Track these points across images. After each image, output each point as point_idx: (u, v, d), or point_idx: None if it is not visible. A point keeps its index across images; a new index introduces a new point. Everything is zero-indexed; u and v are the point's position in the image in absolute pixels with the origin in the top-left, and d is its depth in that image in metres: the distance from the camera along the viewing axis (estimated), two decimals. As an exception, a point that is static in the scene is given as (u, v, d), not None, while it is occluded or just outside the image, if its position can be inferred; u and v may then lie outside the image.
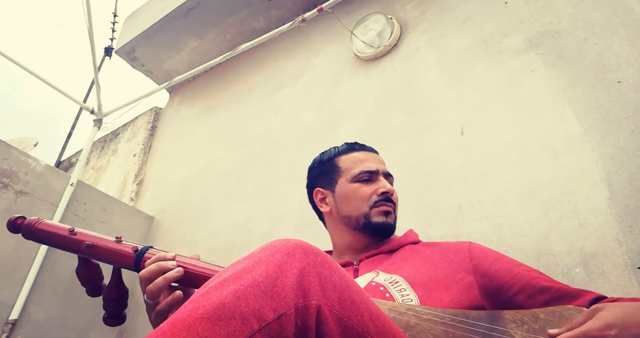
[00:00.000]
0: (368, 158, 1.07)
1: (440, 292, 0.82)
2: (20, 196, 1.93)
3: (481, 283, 0.85)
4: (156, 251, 0.74)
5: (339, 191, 1.04)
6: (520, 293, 0.82)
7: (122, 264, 0.75)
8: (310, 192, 1.13)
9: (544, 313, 0.70)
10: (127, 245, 0.76)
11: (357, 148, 1.10)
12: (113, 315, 0.79)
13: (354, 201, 1.01)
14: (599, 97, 1.33)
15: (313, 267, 0.55)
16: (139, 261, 0.73)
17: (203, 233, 2.15)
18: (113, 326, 0.79)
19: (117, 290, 0.78)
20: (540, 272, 0.87)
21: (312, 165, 1.14)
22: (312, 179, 1.13)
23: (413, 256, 0.95)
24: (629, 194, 1.15)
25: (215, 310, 0.47)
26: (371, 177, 1.03)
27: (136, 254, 0.74)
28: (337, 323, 0.53)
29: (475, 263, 0.89)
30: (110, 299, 0.78)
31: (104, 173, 3.08)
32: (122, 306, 0.79)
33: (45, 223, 0.79)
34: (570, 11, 1.53)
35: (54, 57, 11.88)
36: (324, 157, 1.12)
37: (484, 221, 1.35)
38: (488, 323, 0.69)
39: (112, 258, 0.75)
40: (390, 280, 0.85)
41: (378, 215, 0.99)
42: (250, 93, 2.52)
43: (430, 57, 1.83)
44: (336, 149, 1.11)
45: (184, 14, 2.69)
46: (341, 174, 1.05)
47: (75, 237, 0.76)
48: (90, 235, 0.77)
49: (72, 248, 0.77)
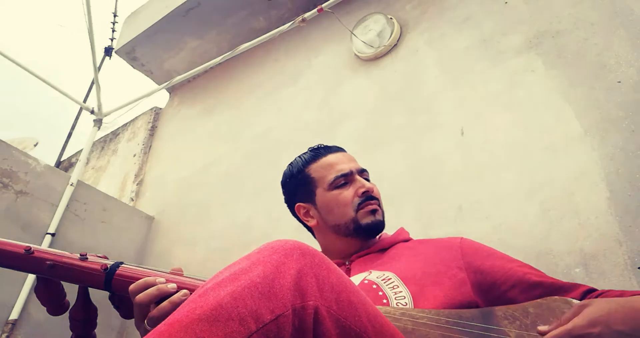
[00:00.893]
0: (337, 160, 1.04)
1: (433, 288, 0.82)
2: (20, 196, 1.93)
3: (474, 280, 0.85)
4: (128, 268, 0.68)
5: (320, 201, 1.02)
6: (513, 289, 0.82)
7: (90, 283, 0.68)
8: (291, 208, 1.10)
9: (533, 307, 0.71)
10: (94, 262, 0.68)
11: (323, 152, 1.07)
12: (81, 336, 0.72)
13: (337, 209, 0.99)
14: (599, 97, 1.32)
15: (310, 268, 0.55)
16: (109, 280, 0.67)
17: (203, 233, 2.15)
18: None
19: (84, 311, 0.71)
20: (532, 267, 0.87)
21: (284, 179, 1.11)
22: (289, 194, 1.10)
23: (405, 253, 0.94)
24: (629, 194, 1.15)
25: (212, 311, 0.47)
26: (347, 179, 1.01)
27: (106, 272, 0.67)
28: (334, 324, 0.53)
29: (468, 260, 0.88)
30: (76, 320, 0.71)
31: (104, 173, 3.08)
32: (91, 326, 0.73)
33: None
34: (570, 11, 1.53)
35: (54, 57, 11.88)
36: (293, 170, 1.08)
37: (484, 221, 1.35)
38: (482, 322, 0.69)
39: (79, 278, 0.68)
40: (383, 277, 0.85)
41: (366, 216, 0.98)
42: (250, 93, 2.52)
43: (430, 57, 1.83)
44: (302, 158, 1.08)
45: (184, 14, 2.69)
46: (317, 184, 1.03)
47: (33, 256, 0.68)
48: (51, 253, 0.69)
49: (31, 269, 0.68)
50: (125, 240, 2.29)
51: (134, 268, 0.69)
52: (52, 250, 0.70)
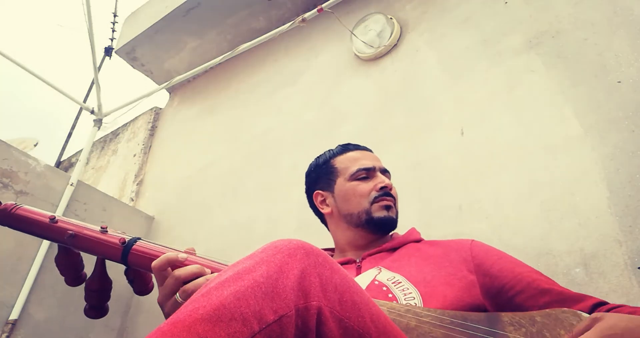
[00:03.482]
0: (363, 156, 1.09)
1: (443, 288, 0.82)
2: (20, 196, 1.93)
3: (482, 283, 0.85)
4: (145, 244, 0.70)
5: (338, 190, 1.06)
6: (520, 294, 0.82)
7: (107, 256, 0.71)
8: (309, 196, 1.14)
9: (541, 316, 0.70)
10: (113, 236, 0.71)
11: (352, 148, 1.12)
12: (95, 306, 0.75)
13: (354, 199, 1.02)
14: (599, 97, 1.33)
15: (314, 268, 0.55)
16: (126, 254, 0.69)
17: (203, 233, 2.15)
18: (94, 318, 0.74)
19: (100, 282, 0.74)
20: (542, 274, 0.87)
21: (309, 169, 1.16)
22: (310, 183, 1.14)
23: (415, 254, 0.95)
24: (629, 194, 1.15)
25: (215, 311, 0.47)
26: (368, 174, 1.05)
27: (124, 246, 0.69)
28: (337, 325, 0.53)
29: (477, 262, 0.89)
30: (92, 290, 0.74)
31: (104, 173, 3.08)
32: (105, 298, 0.75)
33: (25, 208, 0.73)
34: (570, 11, 1.53)
35: (54, 57, 11.87)
36: (319, 160, 1.13)
37: (484, 221, 1.35)
38: (487, 325, 0.69)
39: (97, 250, 0.71)
40: (393, 280, 0.85)
41: (379, 210, 1.01)
42: (250, 93, 2.52)
43: (430, 57, 1.83)
44: (331, 151, 1.13)
45: (184, 14, 2.69)
46: (339, 174, 1.07)
47: (56, 225, 0.71)
48: (73, 224, 0.72)
49: (52, 237, 0.72)
50: (125, 240, 2.28)
51: (151, 244, 0.71)
52: (75, 221, 0.73)
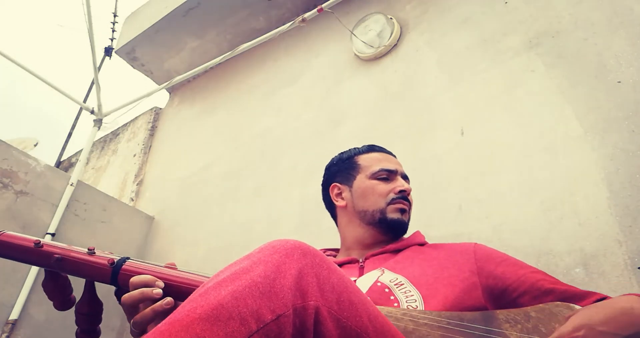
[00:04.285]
0: (387, 159, 1.10)
1: (444, 290, 0.82)
2: (20, 196, 1.93)
3: (486, 285, 0.85)
4: (134, 263, 0.69)
5: (357, 186, 1.07)
6: (524, 295, 0.82)
7: (96, 278, 0.70)
8: (325, 188, 1.15)
9: (535, 311, 0.71)
10: (101, 257, 0.70)
11: (377, 149, 1.13)
12: (86, 330, 0.73)
13: (371, 197, 1.03)
14: (599, 98, 1.32)
15: (311, 268, 0.55)
16: (116, 275, 0.68)
17: (203, 233, 2.15)
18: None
19: (90, 305, 0.72)
20: (545, 273, 0.87)
21: (331, 163, 1.17)
22: (330, 175, 1.15)
23: (419, 257, 0.95)
24: (629, 194, 1.15)
25: (213, 311, 0.47)
26: (390, 176, 1.06)
27: (112, 267, 0.68)
28: (335, 324, 0.53)
29: (481, 265, 0.89)
30: (82, 314, 0.72)
31: (104, 173, 3.08)
32: (96, 321, 0.74)
33: (8, 234, 0.72)
34: (570, 11, 1.53)
35: (54, 57, 11.87)
36: (343, 155, 1.15)
37: (484, 221, 1.35)
38: (483, 324, 0.69)
39: (86, 272, 0.69)
40: (396, 281, 0.86)
41: (394, 212, 1.02)
42: (250, 93, 2.52)
43: (430, 57, 1.83)
44: (356, 149, 1.15)
45: (184, 14, 2.69)
46: (360, 171, 1.08)
47: (42, 249, 0.70)
48: (59, 247, 0.71)
49: (39, 262, 0.70)
50: (125, 240, 2.29)
51: (140, 264, 0.69)
52: (60, 244, 0.72)
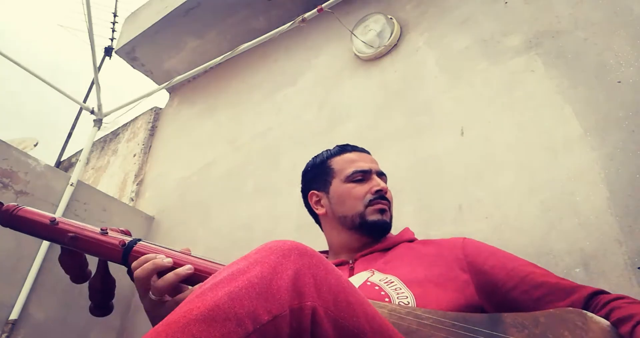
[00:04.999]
0: (360, 158, 1.08)
1: (436, 290, 0.81)
2: (20, 196, 1.93)
3: (477, 280, 0.84)
4: (145, 245, 0.70)
5: (333, 191, 1.05)
6: (515, 289, 0.81)
7: (108, 257, 0.71)
8: (305, 196, 1.13)
9: (544, 317, 0.68)
10: (114, 238, 0.71)
11: (349, 149, 1.10)
12: (99, 305, 0.75)
13: (348, 201, 1.01)
14: (599, 97, 1.32)
15: (308, 268, 0.55)
16: (127, 255, 0.69)
17: (203, 233, 2.15)
18: (99, 316, 0.75)
19: (103, 281, 0.74)
20: (536, 266, 0.86)
21: (306, 169, 1.15)
22: (306, 183, 1.13)
23: (408, 254, 0.94)
24: (629, 194, 1.15)
25: (210, 312, 0.47)
26: (364, 176, 1.04)
27: (124, 248, 0.69)
28: (332, 325, 0.53)
29: (470, 260, 0.88)
30: (96, 289, 0.74)
31: (104, 173, 3.08)
32: (109, 296, 0.76)
33: (26, 210, 0.73)
34: (570, 11, 1.53)
35: (54, 57, 11.88)
36: (316, 160, 1.12)
37: (484, 221, 1.35)
38: (489, 327, 0.67)
39: (98, 251, 0.71)
40: (386, 280, 0.85)
41: (373, 213, 1.00)
42: (250, 93, 2.52)
43: (430, 57, 1.83)
44: (328, 151, 1.12)
45: (184, 14, 2.69)
46: (334, 175, 1.06)
47: (57, 227, 0.71)
48: (74, 225, 0.72)
49: (53, 239, 0.72)
50: (125, 240, 2.28)
51: (151, 245, 0.71)
52: (75, 223, 0.73)
